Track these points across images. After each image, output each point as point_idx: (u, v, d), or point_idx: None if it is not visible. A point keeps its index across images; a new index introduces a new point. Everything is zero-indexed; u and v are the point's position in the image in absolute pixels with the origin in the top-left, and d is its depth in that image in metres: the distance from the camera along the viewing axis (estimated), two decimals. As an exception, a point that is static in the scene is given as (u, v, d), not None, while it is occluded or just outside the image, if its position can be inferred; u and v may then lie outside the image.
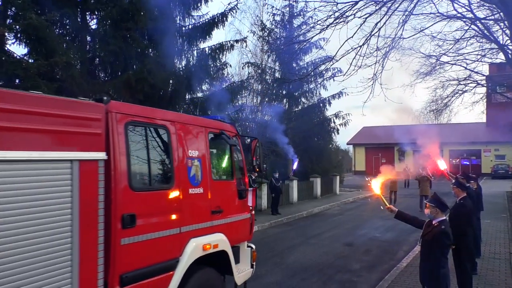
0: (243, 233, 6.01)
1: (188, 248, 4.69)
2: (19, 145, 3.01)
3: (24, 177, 3.03)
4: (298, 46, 13.52)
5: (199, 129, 5.16)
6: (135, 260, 4.01)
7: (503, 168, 39.77)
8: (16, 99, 3.09)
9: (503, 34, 17.93)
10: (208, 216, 5.10)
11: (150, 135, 4.46)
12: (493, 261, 9.27)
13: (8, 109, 2.96)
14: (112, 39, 11.63)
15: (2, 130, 2.92)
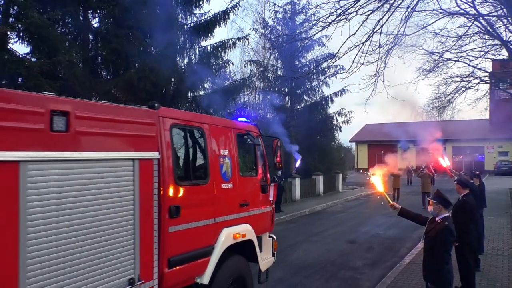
0: (266, 225, 6.52)
1: (221, 236, 5.25)
2: (96, 147, 3.62)
3: (98, 173, 3.62)
4: (300, 44, 13.50)
5: (228, 130, 5.71)
6: (179, 246, 4.56)
7: (506, 164, 39.67)
8: (93, 108, 3.69)
9: (506, 30, 17.84)
10: (237, 208, 5.66)
11: (189, 136, 5.14)
12: (496, 258, 9.25)
13: (89, 117, 3.55)
14: (114, 38, 11.65)
15: (84, 135, 3.51)
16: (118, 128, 3.85)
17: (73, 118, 3.39)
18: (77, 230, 3.42)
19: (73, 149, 3.42)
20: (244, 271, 5.81)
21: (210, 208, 5.11)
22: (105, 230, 3.65)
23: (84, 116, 3.51)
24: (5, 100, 2.99)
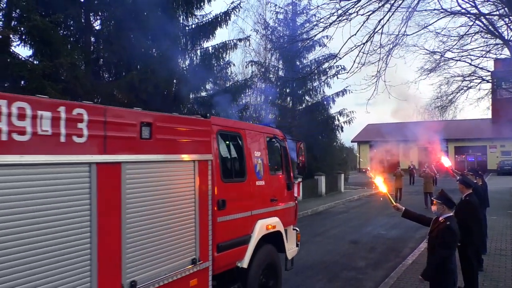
0: (291, 218, 7.31)
1: (257, 227, 6.03)
2: (169, 151, 4.45)
3: (171, 172, 4.47)
4: (301, 44, 13.50)
5: (259, 134, 6.52)
6: (225, 234, 5.33)
7: (509, 164, 39.51)
8: (167, 119, 4.50)
9: (508, 29, 17.81)
10: (268, 203, 6.43)
11: (231, 140, 5.90)
12: (499, 258, 9.23)
13: (164, 127, 4.38)
14: (116, 40, 11.68)
15: (162, 141, 4.32)
16: (184, 134, 4.70)
17: (154, 127, 4.20)
18: (160, 217, 4.25)
19: (154, 152, 4.24)
20: (275, 259, 6.60)
21: (247, 202, 5.90)
22: (176, 218, 4.49)
23: (161, 126, 4.31)
24: (115, 116, 3.82)
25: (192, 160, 4.77)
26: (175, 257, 4.45)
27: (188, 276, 4.62)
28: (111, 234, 3.71)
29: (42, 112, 3.14)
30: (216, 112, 14.71)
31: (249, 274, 5.84)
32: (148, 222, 4.11)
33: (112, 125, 3.73)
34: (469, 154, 44.19)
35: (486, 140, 43.88)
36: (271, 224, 6.37)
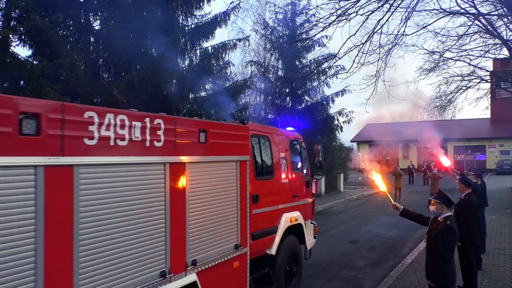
0: (309, 213, 8.15)
1: (283, 219, 6.86)
2: (220, 152, 5.24)
3: (220, 171, 5.28)
4: (301, 44, 13.51)
5: (284, 137, 7.35)
6: (258, 224, 6.09)
7: (508, 163, 39.56)
8: (217, 126, 5.35)
9: (507, 29, 17.85)
10: (291, 198, 7.24)
11: (261, 143, 6.61)
12: (498, 257, 9.26)
13: (215, 132, 5.13)
14: (115, 40, 11.66)
15: (213, 144, 5.08)
16: (229, 139, 5.46)
17: (209, 133, 4.99)
18: (213, 208, 5.09)
19: (208, 154, 5.03)
20: (297, 248, 7.45)
21: (275, 198, 6.74)
22: (224, 209, 5.30)
23: (213, 132, 5.10)
24: (181, 124, 4.61)
25: (235, 160, 5.58)
26: (223, 242, 5.28)
27: (233, 258, 5.45)
28: (179, 221, 4.51)
29: (135, 123, 3.95)
30: (216, 112, 14.72)
31: (276, 260, 6.66)
32: (204, 211, 4.94)
33: (179, 132, 4.54)
34: (468, 154, 44.23)
35: (485, 139, 43.95)
36: (294, 217, 7.21)
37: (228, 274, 5.35)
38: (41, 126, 3.12)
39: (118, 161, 3.77)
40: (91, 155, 3.51)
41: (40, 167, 3.09)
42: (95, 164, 3.55)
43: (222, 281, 5.25)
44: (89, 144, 3.50)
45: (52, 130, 3.21)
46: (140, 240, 3.98)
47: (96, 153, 3.56)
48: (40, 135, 3.12)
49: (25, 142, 3.03)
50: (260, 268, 6.26)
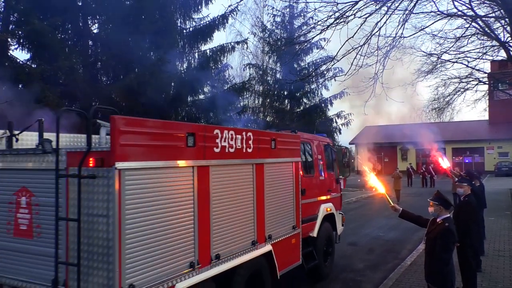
0: (339, 204, 9.63)
1: (321, 209, 8.39)
2: (282, 156, 6.72)
3: (283, 169, 6.79)
4: (299, 47, 13.52)
5: (319, 142, 8.87)
6: (304, 212, 7.46)
7: (506, 165, 39.60)
8: (280, 135, 6.82)
9: (504, 31, 17.89)
10: (326, 192, 8.82)
11: (306, 147, 8.09)
12: (497, 259, 9.26)
13: (280, 140, 6.66)
14: (114, 43, 11.69)
15: (279, 150, 6.56)
16: (288, 145, 6.96)
17: (277, 141, 6.53)
18: (279, 197, 6.59)
19: (277, 157, 6.55)
20: (331, 233, 8.94)
21: (315, 191, 8.23)
22: (287, 198, 6.86)
23: (279, 140, 6.65)
24: (261, 135, 6.19)
25: (292, 162, 7.06)
26: (286, 224, 6.80)
27: (291, 236, 6.93)
28: (260, 205, 6.03)
29: (237, 135, 5.54)
30: (214, 114, 14.74)
31: (317, 241, 8.09)
32: (275, 200, 6.47)
33: (261, 140, 6.10)
34: (466, 156, 44.31)
35: (483, 141, 44.03)
36: (329, 208, 8.71)
37: (288, 247, 6.85)
38: (196, 140, 4.75)
39: (230, 163, 5.43)
40: (217, 159, 5.15)
41: (195, 167, 4.75)
42: (219, 165, 5.20)
43: (285, 252, 6.72)
44: (216, 151, 5.14)
45: (200, 143, 4.84)
46: (241, 215, 5.60)
47: (219, 157, 5.19)
48: (195, 146, 4.74)
49: (188, 151, 4.67)
50: (306, 247, 7.65)
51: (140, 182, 3.98)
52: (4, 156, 4.66)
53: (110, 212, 3.75)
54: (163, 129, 4.38)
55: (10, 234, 4.55)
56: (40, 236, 4.31)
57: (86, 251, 3.87)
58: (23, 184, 4.45)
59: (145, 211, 4.01)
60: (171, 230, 4.33)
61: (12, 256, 4.54)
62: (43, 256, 4.25)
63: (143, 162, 4.01)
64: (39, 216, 4.31)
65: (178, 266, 4.41)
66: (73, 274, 3.92)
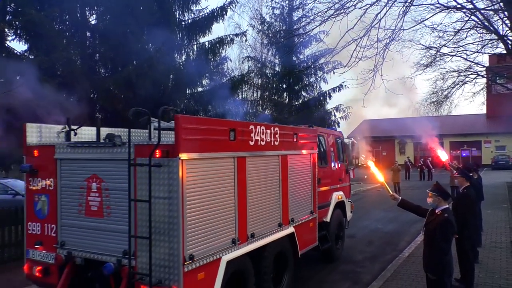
0: (348, 193, 10.55)
1: (333, 197, 9.21)
2: (302, 148, 7.53)
3: (303, 160, 7.59)
4: (298, 40, 13.48)
5: (331, 135, 9.61)
6: (319, 200, 8.19)
7: (503, 159, 39.77)
8: (300, 130, 7.58)
9: (503, 25, 17.87)
10: (337, 182, 9.60)
11: (321, 140, 8.81)
12: (494, 250, 9.33)
13: (300, 134, 7.41)
14: (112, 34, 11.60)
15: (299, 143, 7.34)
16: (306, 138, 7.72)
17: (298, 135, 7.30)
18: (299, 184, 7.41)
19: (298, 149, 7.35)
20: (342, 219, 9.76)
21: (328, 181, 9.02)
22: (305, 186, 7.67)
23: (300, 134, 7.41)
24: (285, 129, 6.91)
25: (310, 153, 7.83)
26: (305, 209, 7.62)
27: (309, 220, 7.75)
28: (285, 191, 6.84)
29: (267, 130, 6.31)
30: (213, 107, 14.69)
31: (330, 226, 8.89)
32: (297, 187, 7.27)
33: (285, 135, 6.84)
34: (464, 149, 44.43)
35: (481, 135, 44.15)
36: (340, 196, 9.51)
37: (307, 230, 7.67)
38: (236, 135, 5.51)
39: (261, 154, 6.16)
40: (251, 151, 5.90)
41: (235, 157, 5.52)
42: (253, 156, 5.95)
43: (305, 234, 7.51)
44: (251, 144, 5.89)
45: (239, 137, 5.59)
46: (269, 200, 6.40)
47: (253, 149, 5.95)
48: (235, 140, 5.50)
49: (230, 144, 5.42)
50: (320, 231, 8.34)
51: (196, 170, 4.79)
52: (75, 148, 5.37)
53: (174, 195, 4.54)
54: (212, 125, 5.20)
55: (82, 214, 5.28)
56: (110, 216, 5.06)
57: (155, 227, 4.63)
58: (94, 172, 5.20)
59: (199, 195, 4.82)
60: (218, 211, 5.16)
61: (83, 232, 5.28)
62: (113, 232, 5.02)
63: (198, 153, 4.82)
64: (109, 199, 5.07)
65: (223, 241, 5.25)
66: (141, 246, 4.70)
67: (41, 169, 5.67)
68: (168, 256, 4.55)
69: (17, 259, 9.26)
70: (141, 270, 4.69)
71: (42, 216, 5.64)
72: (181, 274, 4.48)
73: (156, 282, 4.54)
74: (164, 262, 4.58)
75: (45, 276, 5.49)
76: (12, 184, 15.28)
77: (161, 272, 4.60)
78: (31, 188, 5.75)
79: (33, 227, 5.73)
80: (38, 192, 5.68)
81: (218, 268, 5.07)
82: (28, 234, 5.78)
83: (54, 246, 5.48)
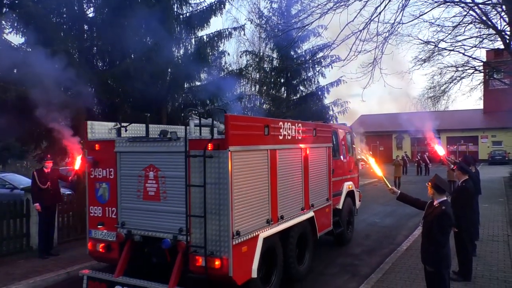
0: (357, 183, 11.39)
1: (344, 186, 10.11)
2: (320, 142, 8.39)
3: (320, 153, 8.47)
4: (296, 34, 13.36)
5: (342, 130, 10.48)
6: (333, 189, 9.09)
7: (500, 154, 39.93)
8: (318, 125, 8.58)
9: (501, 19, 17.87)
10: (348, 172, 10.50)
11: (333, 135, 9.44)
12: (491, 243, 9.40)
13: (318, 129, 8.30)
14: (110, 28, 11.52)
15: (318, 137, 8.28)
16: (323, 133, 8.61)
17: (317, 130, 8.22)
18: (318, 174, 8.36)
19: (317, 143, 8.22)
20: (352, 207, 10.67)
21: (339, 171, 9.85)
22: (323, 175, 8.63)
23: (318, 129, 8.32)
24: (305, 126, 7.74)
25: (326, 147, 8.76)
26: (322, 196, 8.53)
27: (325, 206, 8.67)
28: (306, 179, 7.75)
29: (292, 126, 7.20)
30: (211, 101, 14.66)
31: (341, 212, 9.76)
32: (315, 176, 8.18)
33: (305, 130, 7.72)
34: (461, 144, 44.59)
35: (477, 130, 44.30)
36: (350, 185, 10.43)
37: (324, 215, 8.59)
38: (269, 130, 6.40)
39: (287, 147, 7.03)
40: (280, 144, 6.76)
41: (268, 150, 6.40)
42: (282, 149, 6.81)
43: (322, 218, 8.43)
44: (280, 138, 6.75)
45: (272, 132, 6.51)
46: (294, 187, 7.29)
47: (282, 143, 6.79)
48: (268, 135, 6.37)
49: (265, 138, 6.31)
50: (333, 217, 9.18)
51: (240, 160, 5.68)
52: (134, 142, 6.28)
53: (224, 181, 5.45)
54: (251, 122, 6.20)
55: (140, 199, 6.17)
56: (166, 199, 5.95)
57: (208, 208, 5.53)
58: (151, 162, 6.09)
59: (243, 181, 5.74)
60: (256, 195, 6.08)
61: (141, 214, 6.18)
62: (169, 213, 5.91)
63: (241, 146, 5.71)
64: (165, 185, 5.96)
65: (260, 221, 6.16)
66: (194, 224, 5.63)
67: (102, 160, 6.55)
68: (219, 231, 5.47)
69: (16, 252, 9.27)
70: (195, 244, 5.56)
71: (103, 201, 6.57)
72: (230, 247, 5.39)
73: (209, 253, 5.44)
74: (215, 237, 5.49)
75: (108, 252, 6.43)
76: (9, 178, 15.27)
77: (213, 245, 5.49)
78: (92, 177, 6.67)
79: (95, 210, 6.66)
80: (99, 180, 6.60)
81: (256, 243, 5.95)
82: (90, 217, 6.70)
83: (115, 226, 6.38)
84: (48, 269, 8.09)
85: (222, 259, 5.40)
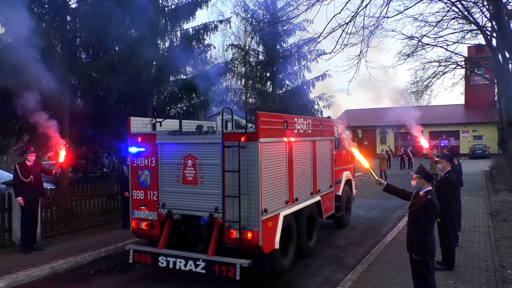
0: (353, 173, 12.29)
1: (343, 175, 11.15)
2: (325, 135, 9.61)
3: (325, 145, 9.60)
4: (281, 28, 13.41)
5: (342, 124, 11.55)
6: (335, 178, 10.28)
7: (480, 148, 40.80)
8: (323, 120, 9.80)
9: (482, 16, 18.22)
10: (346, 163, 11.54)
11: (335, 128, 10.47)
12: (473, 234, 9.62)
13: (324, 124, 9.55)
14: (94, 19, 11.30)
15: (324, 131, 9.43)
16: (327, 127, 9.66)
17: (323, 124, 9.31)
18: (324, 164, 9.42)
19: (323, 136, 9.27)
20: (350, 194, 11.73)
21: (340, 162, 10.84)
22: (327, 165, 9.71)
23: (324, 124, 9.42)
24: (314, 120, 8.98)
25: (329, 139, 9.81)
26: (326, 183, 9.59)
27: (329, 192, 9.77)
28: (314, 168, 8.81)
29: (304, 121, 8.25)
30: (198, 94, 14.56)
31: (341, 198, 10.74)
32: (321, 165, 9.18)
33: (313, 125, 8.71)
34: (443, 139, 45.38)
35: (459, 125, 45.17)
36: (348, 175, 11.47)
37: (328, 199, 9.67)
38: (288, 125, 7.44)
39: (301, 140, 8.08)
40: (296, 137, 7.83)
41: (287, 142, 7.43)
42: (296, 141, 7.84)
43: (326, 202, 9.53)
44: (295, 132, 7.78)
45: (290, 126, 7.55)
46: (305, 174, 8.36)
47: (296, 136, 7.85)
48: (287, 129, 7.42)
49: (284, 131, 7.34)
50: (335, 202, 10.26)
51: (266, 150, 6.70)
52: (174, 135, 7.21)
53: (255, 167, 6.45)
54: (275, 118, 7.13)
55: (179, 183, 7.11)
56: (203, 183, 6.89)
57: (242, 189, 6.51)
58: (189, 152, 7.02)
59: (269, 167, 6.77)
60: (278, 179, 7.10)
61: (180, 196, 7.13)
62: (206, 195, 6.86)
63: (268, 138, 6.74)
64: (202, 172, 6.90)
65: (280, 202, 7.18)
66: (228, 203, 6.62)
67: (144, 151, 7.45)
68: (250, 209, 6.47)
69: (4, 246, 9.08)
70: (230, 220, 6.57)
71: (145, 185, 7.45)
72: (260, 221, 6.40)
73: (242, 227, 6.44)
74: (247, 214, 6.49)
75: (150, 229, 7.37)
76: (-10, 173, 14.89)
77: (245, 221, 6.48)
78: (135, 165, 7.57)
79: (137, 194, 7.55)
80: (141, 168, 7.50)
81: (278, 220, 6.96)
82: (133, 200, 7.59)
83: (156, 207, 7.29)
84: (32, 264, 7.95)
85: (253, 232, 6.39)
